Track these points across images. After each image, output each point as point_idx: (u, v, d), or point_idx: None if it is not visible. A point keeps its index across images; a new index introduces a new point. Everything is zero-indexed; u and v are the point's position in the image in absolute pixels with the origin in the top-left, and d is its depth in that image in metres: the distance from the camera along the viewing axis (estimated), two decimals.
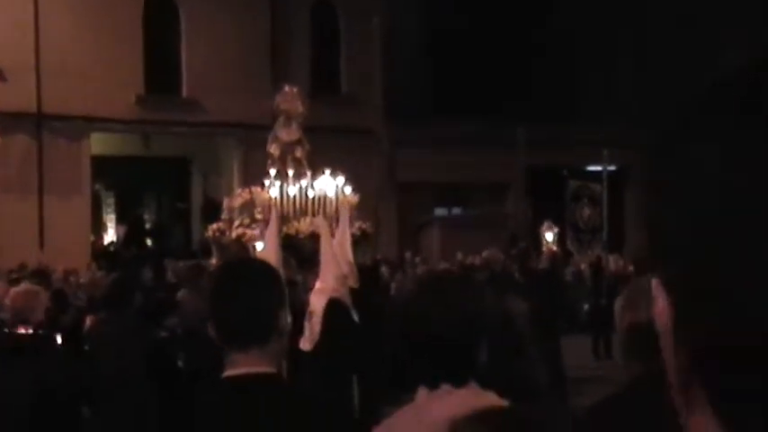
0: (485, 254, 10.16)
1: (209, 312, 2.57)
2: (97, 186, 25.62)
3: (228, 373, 2.43)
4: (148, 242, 27.99)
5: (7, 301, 5.75)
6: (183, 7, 24.10)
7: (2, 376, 4.91)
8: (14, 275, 11.33)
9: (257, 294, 2.46)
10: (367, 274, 9.22)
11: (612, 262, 16.87)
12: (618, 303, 3.00)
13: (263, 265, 2.82)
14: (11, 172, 18.27)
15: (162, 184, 28.18)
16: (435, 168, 25.50)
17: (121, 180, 26.98)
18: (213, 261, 13.20)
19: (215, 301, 2.54)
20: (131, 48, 23.11)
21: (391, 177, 24.74)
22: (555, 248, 16.35)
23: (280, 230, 10.00)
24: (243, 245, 12.33)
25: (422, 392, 2.14)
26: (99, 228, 26.84)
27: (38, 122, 21.97)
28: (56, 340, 6.00)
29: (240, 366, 2.41)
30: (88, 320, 7.37)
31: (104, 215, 27.74)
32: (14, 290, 6.09)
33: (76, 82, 21.65)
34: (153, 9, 23.69)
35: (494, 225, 23.70)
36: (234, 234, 12.91)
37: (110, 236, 27.86)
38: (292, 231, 11.90)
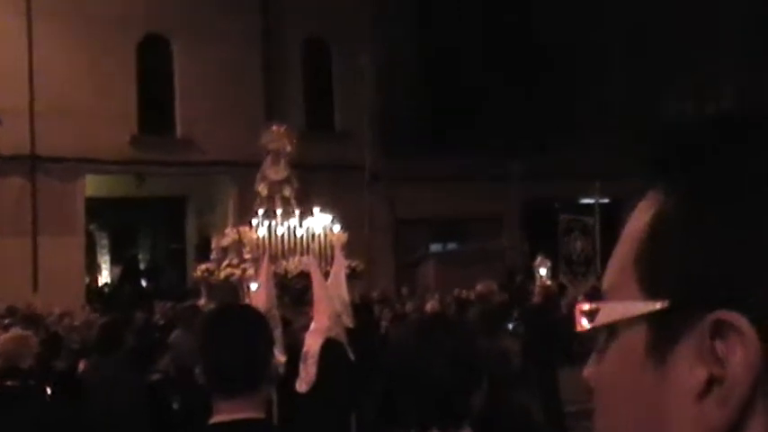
0: (478, 287, 10.14)
1: (199, 357, 2.55)
2: (92, 227, 25.59)
3: (216, 419, 2.41)
4: (143, 283, 27.92)
5: None
6: (176, 47, 24.23)
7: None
8: (6, 321, 11.25)
9: (247, 342, 2.44)
10: (360, 312, 9.19)
11: None
12: None
13: (252, 312, 2.81)
14: (5, 213, 18.24)
15: (156, 223, 28.19)
16: (430, 203, 25.51)
17: (116, 221, 26.99)
18: (202, 302, 13.13)
19: (205, 347, 2.53)
20: (125, 88, 23.20)
21: (387, 213, 24.75)
22: (548, 283, 16.32)
23: (271, 270, 9.98)
24: (231, 285, 12.28)
25: None
26: (94, 269, 26.79)
27: (32, 164, 21.98)
28: (45, 390, 5.96)
29: (228, 413, 2.39)
30: (82, 364, 7.32)
31: (99, 256, 27.70)
32: (4, 336, 6.06)
33: (70, 123, 21.70)
34: (146, 50, 23.81)
35: (489, 259, 23.65)
36: (222, 274, 12.86)
37: (104, 277, 27.80)
38: (281, 271, 11.84)
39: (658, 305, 0.61)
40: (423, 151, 25.56)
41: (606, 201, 20.87)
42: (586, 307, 0.67)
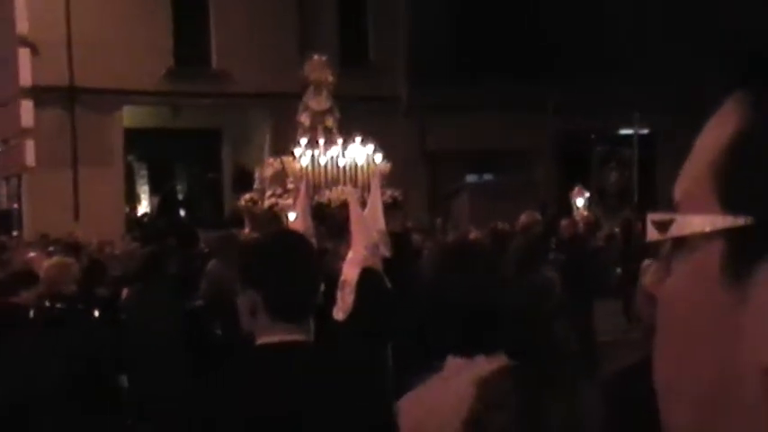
0: (522, 217, 10.04)
1: (254, 283, 2.54)
2: (130, 158, 25.82)
3: (262, 340, 2.46)
4: (181, 213, 28.22)
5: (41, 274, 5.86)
6: None
7: (39, 350, 5.01)
8: (50, 248, 11.46)
9: (309, 270, 2.51)
10: (398, 241, 9.23)
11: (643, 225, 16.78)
12: (645, 263, 3.00)
13: (307, 241, 2.82)
14: (45, 145, 18.46)
15: (192, 154, 28.33)
16: (465, 135, 25.38)
17: (153, 152, 27.16)
18: (246, 231, 13.27)
19: (262, 273, 2.54)
20: (161, 20, 23.18)
21: (420, 145, 24.67)
22: (585, 213, 16.23)
23: (310, 200, 10.05)
24: (275, 214, 12.39)
25: (450, 362, 2.17)
26: (133, 199, 27.11)
27: (70, 96, 22.17)
28: (92, 313, 6.10)
29: (275, 334, 2.44)
30: (125, 292, 7.48)
31: (138, 186, 27.99)
32: (47, 263, 6.19)
33: (107, 55, 21.78)
34: None
35: (523, 191, 23.57)
36: (266, 204, 12.96)
37: (143, 207, 28.13)
38: (324, 200, 11.93)
39: (741, 221, 0.58)
40: (457, 82, 25.33)
41: (645, 132, 20.56)
42: (658, 217, 0.64)
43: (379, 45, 25.86)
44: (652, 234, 0.64)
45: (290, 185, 12.46)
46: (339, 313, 6.72)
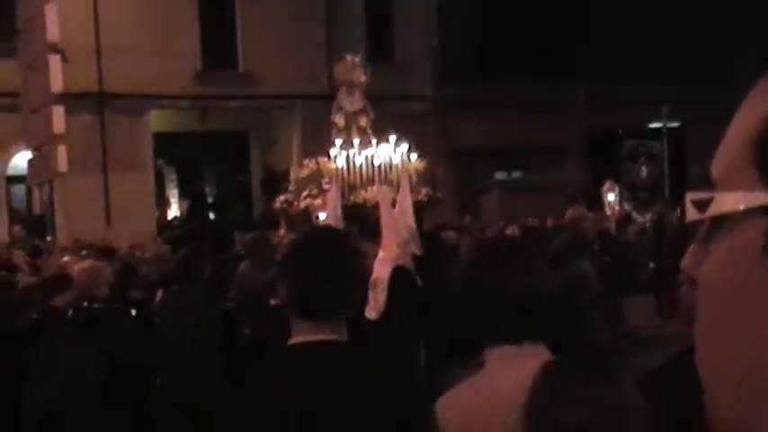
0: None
1: (285, 280, 2.57)
2: (159, 162, 26.01)
3: (295, 340, 2.47)
4: (211, 215, 28.38)
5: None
6: None
7: (76, 350, 5.06)
8: (83, 252, 11.57)
9: (338, 268, 2.48)
10: (430, 239, 9.23)
11: (676, 219, 16.65)
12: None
13: (338, 237, 2.80)
14: (76, 151, 18.64)
15: (221, 157, 28.48)
16: (493, 133, 25.33)
17: (182, 155, 27.34)
18: (281, 232, 13.30)
19: (288, 271, 2.56)
20: (188, 24, 23.34)
21: (449, 142, 24.63)
22: (617, 208, 16.10)
23: (344, 200, 10.06)
24: (310, 215, 12.41)
25: (491, 354, 2.15)
26: (163, 202, 27.31)
27: (100, 101, 22.38)
28: (129, 313, 6.15)
29: (307, 334, 2.44)
30: (159, 294, 7.53)
31: (167, 190, 28.18)
32: (79, 266, 6.24)
33: (135, 60, 21.95)
34: None
35: (553, 188, 23.48)
36: (302, 205, 12.99)
37: (173, 210, 28.32)
38: (360, 200, 11.95)
39: None
40: (484, 80, 25.29)
41: (675, 125, 20.41)
42: (698, 197, 0.64)
43: (406, 44, 25.85)
44: (692, 214, 0.64)
45: (326, 186, 12.46)
46: (372, 312, 6.71)
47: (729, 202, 0.61)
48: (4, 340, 6.00)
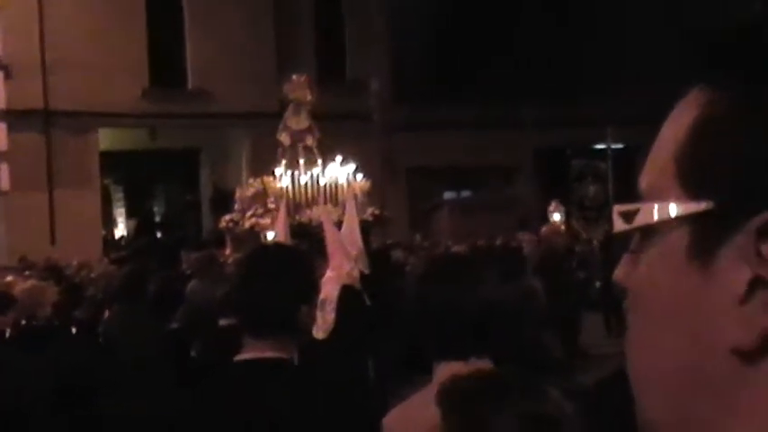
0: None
1: (234, 297, 2.57)
2: (106, 181, 25.71)
3: (242, 356, 2.45)
4: (158, 234, 28.10)
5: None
6: None
7: (20, 367, 4.97)
8: (27, 273, 11.37)
9: (277, 284, 2.46)
10: (378, 258, 9.23)
11: None
12: None
13: (289, 255, 2.76)
14: (21, 168, 18.36)
15: (170, 176, 28.26)
16: (443, 152, 25.49)
17: (130, 174, 27.08)
18: (227, 252, 13.21)
19: (238, 286, 2.56)
20: (136, 41, 23.17)
21: (399, 162, 24.73)
22: (563, 228, 16.28)
23: (288, 219, 10.04)
24: (256, 235, 12.35)
25: (439, 369, 2.15)
26: (109, 222, 26.98)
27: (46, 119, 22.08)
28: (69, 332, 6.06)
29: (253, 351, 2.43)
30: (106, 313, 7.42)
31: (114, 209, 27.87)
32: (21, 286, 6.15)
33: (82, 77, 21.73)
34: (156, 1, 23.71)
35: (504, 207, 23.68)
36: (247, 224, 12.93)
37: (120, 230, 28.00)
38: (305, 220, 11.92)
39: (703, 206, 0.59)
40: (435, 99, 25.46)
41: (619, 146, 20.77)
42: (624, 208, 0.65)
43: (357, 63, 25.94)
44: (618, 224, 0.65)
45: (271, 205, 12.43)
46: (319, 332, 6.69)
47: (654, 212, 0.63)
48: None
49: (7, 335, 5.17)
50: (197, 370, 6.12)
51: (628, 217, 0.64)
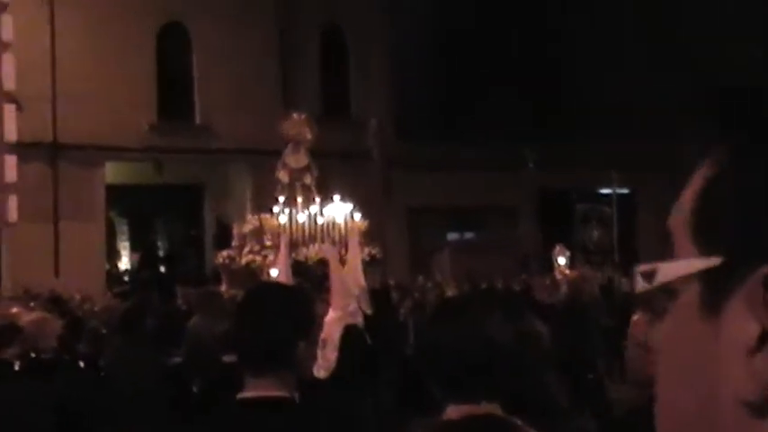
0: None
1: (235, 334, 2.60)
2: (111, 214, 25.78)
3: (243, 395, 2.47)
4: (162, 269, 28.10)
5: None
6: (195, 35, 24.37)
7: (25, 401, 4.98)
8: (31, 304, 11.40)
9: (277, 321, 2.48)
10: (378, 298, 9.27)
11: (625, 283, 16.85)
12: (633, 320, 3.07)
13: (289, 293, 2.82)
14: (27, 200, 18.43)
15: (175, 210, 28.31)
16: (446, 192, 25.54)
17: (135, 207, 27.13)
18: (223, 288, 13.20)
19: (237, 323, 2.59)
20: (144, 76, 23.38)
21: (402, 201, 24.79)
22: (567, 271, 16.25)
23: (289, 257, 10.08)
24: (252, 271, 12.34)
25: (449, 412, 2.19)
26: (113, 255, 27.00)
27: (53, 151, 22.23)
28: (77, 365, 6.08)
29: (254, 389, 2.44)
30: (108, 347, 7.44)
31: (119, 242, 27.89)
32: (26, 318, 6.17)
33: (91, 110, 21.91)
34: (165, 37, 23.98)
35: (506, 249, 23.67)
36: (243, 261, 12.92)
37: (124, 263, 28.00)
38: (302, 258, 11.93)
39: (712, 261, 0.62)
40: (438, 139, 25.56)
41: (625, 191, 20.78)
42: (645, 268, 0.68)
43: (361, 101, 26.12)
44: (640, 285, 0.69)
45: (268, 242, 12.44)
46: (320, 371, 6.70)
47: (670, 271, 0.66)
48: None
49: (17, 367, 5.20)
50: (198, 406, 6.14)
51: (648, 277, 0.67)
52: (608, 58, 27.33)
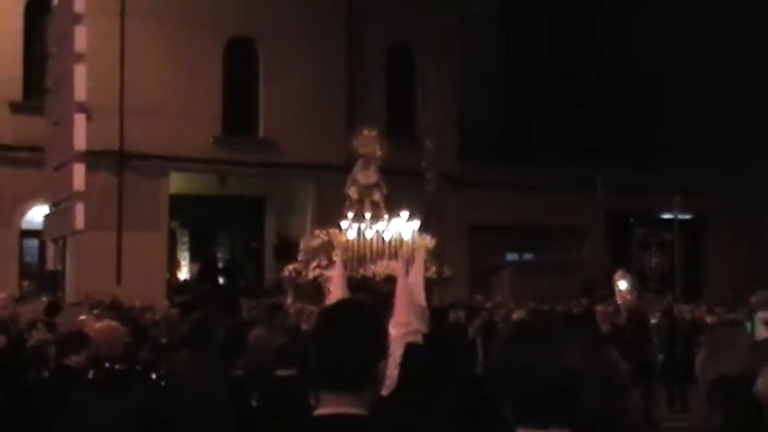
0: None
1: (313, 350, 2.58)
2: (173, 224, 26.11)
3: (320, 411, 2.46)
4: (221, 280, 28.35)
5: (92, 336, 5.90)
6: (262, 49, 24.64)
7: (104, 411, 5.00)
8: (95, 311, 11.55)
9: (359, 340, 2.48)
10: (436, 317, 9.20)
11: (687, 311, 16.53)
12: (701, 355, 2.99)
13: (368, 311, 2.78)
14: (93, 208, 18.75)
15: (236, 222, 28.58)
16: (508, 211, 25.39)
17: (196, 218, 27.44)
18: (288, 301, 13.26)
19: (316, 341, 2.58)
20: (211, 89, 23.68)
21: (463, 220, 24.69)
22: (629, 297, 15.99)
23: (345, 272, 10.07)
24: (319, 286, 12.36)
25: None
26: (173, 265, 27.32)
27: (120, 161, 22.62)
28: (149, 375, 6.11)
29: (333, 406, 2.43)
30: (170, 357, 7.47)
31: (179, 253, 28.21)
32: (97, 326, 6.23)
33: (158, 122, 22.26)
34: (232, 51, 24.27)
35: (567, 271, 23.40)
36: (310, 275, 12.95)
37: (184, 273, 28.31)
38: (369, 274, 11.92)
39: None
40: (501, 158, 25.48)
41: (686, 217, 20.39)
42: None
43: (427, 120, 26.07)
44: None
45: (335, 258, 12.47)
46: (383, 388, 6.64)
47: None
48: (13, 396, 5.96)
49: (90, 375, 5.24)
50: (256, 420, 6.13)
51: None
52: (679, 87, 27.00)
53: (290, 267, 14.23)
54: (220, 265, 29.50)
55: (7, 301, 13.17)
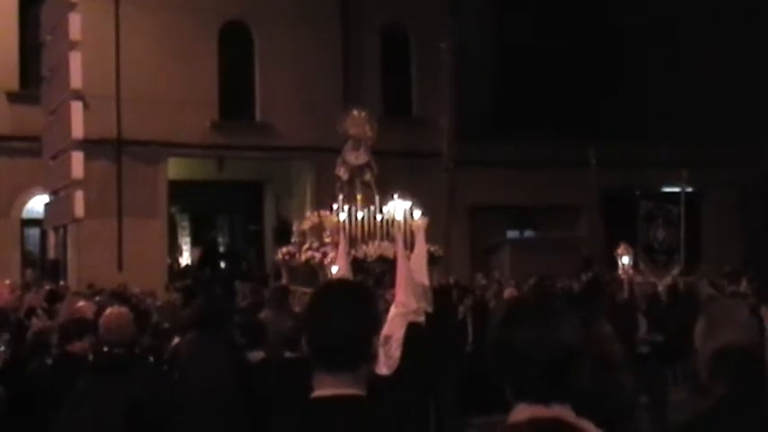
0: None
1: (307, 331, 2.58)
2: (173, 210, 26.11)
3: (317, 393, 2.46)
4: (222, 265, 28.40)
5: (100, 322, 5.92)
6: (257, 33, 24.55)
7: (102, 395, 5.04)
8: (97, 298, 11.58)
9: (351, 318, 2.47)
10: (440, 297, 9.23)
11: (703, 286, 16.60)
12: (699, 326, 3.00)
13: (359, 289, 2.81)
14: (91, 195, 18.77)
15: (235, 207, 28.61)
16: (506, 190, 25.40)
17: (196, 203, 27.47)
18: (283, 283, 13.22)
19: (309, 321, 2.58)
20: (206, 74, 23.62)
21: (462, 200, 24.67)
22: (631, 272, 15.95)
23: (348, 253, 10.07)
24: (312, 268, 12.32)
25: (518, 409, 2.17)
26: (174, 250, 27.36)
27: (117, 148, 22.60)
28: (148, 360, 6.14)
29: (328, 387, 2.44)
30: (175, 341, 7.49)
31: (180, 238, 28.26)
32: (107, 312, 6.24)
33: (154, 108, 22.21)
34: (227, 36, 24.18)
35: (566, 248, 23.43)
36: (303, 257, 12.90)
37: (185, 258, 28.36)
38: (360, 255, 11.88)
39: None
40: (499, 138, 25.44)
41: (689, 190, 20.33)
42: None
43: (422, 100, 26.07)
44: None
45: (327, 239, 12.40)
46: (382, 368, 6.67)
47: None
48: (18, 383, 5.99)
49: (91, 359, 5.26)
50: (262, 401, 6.16)
51: None
52: (675, 59, 26.93)
53: (284, 250, 14.17)
54: (221, 249, 29.56)
55: (15, 287, 13.23)
